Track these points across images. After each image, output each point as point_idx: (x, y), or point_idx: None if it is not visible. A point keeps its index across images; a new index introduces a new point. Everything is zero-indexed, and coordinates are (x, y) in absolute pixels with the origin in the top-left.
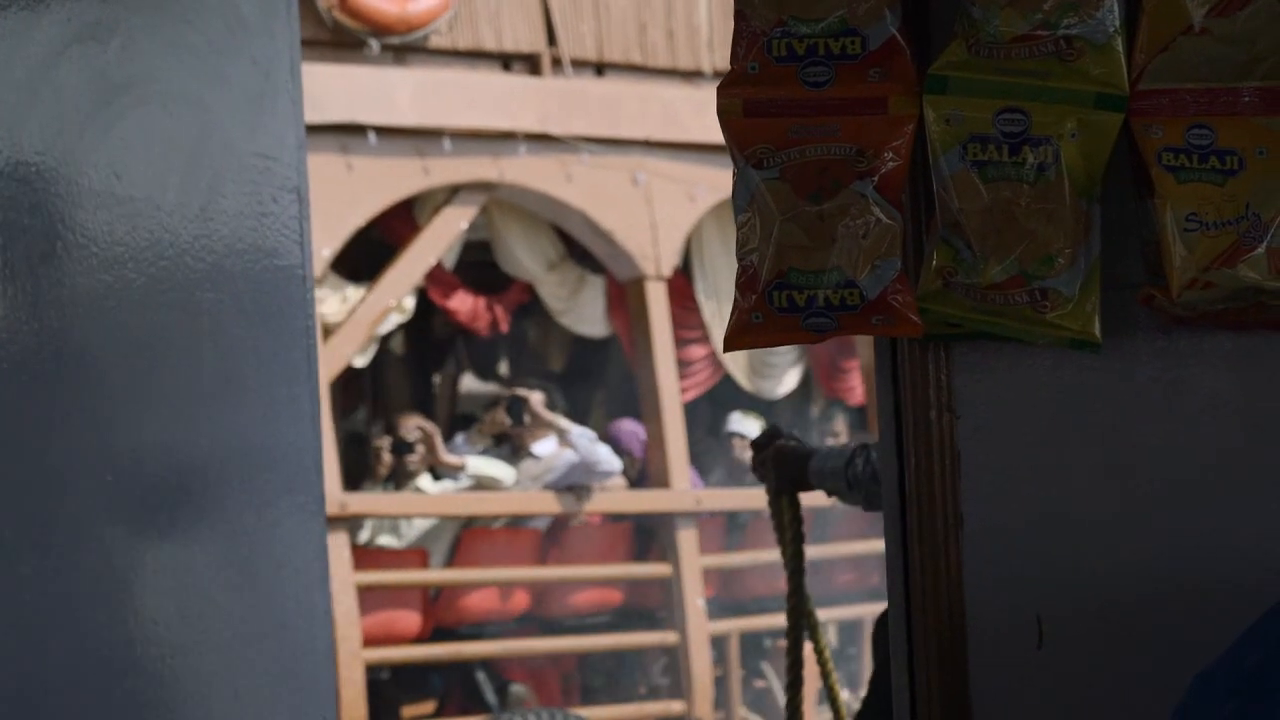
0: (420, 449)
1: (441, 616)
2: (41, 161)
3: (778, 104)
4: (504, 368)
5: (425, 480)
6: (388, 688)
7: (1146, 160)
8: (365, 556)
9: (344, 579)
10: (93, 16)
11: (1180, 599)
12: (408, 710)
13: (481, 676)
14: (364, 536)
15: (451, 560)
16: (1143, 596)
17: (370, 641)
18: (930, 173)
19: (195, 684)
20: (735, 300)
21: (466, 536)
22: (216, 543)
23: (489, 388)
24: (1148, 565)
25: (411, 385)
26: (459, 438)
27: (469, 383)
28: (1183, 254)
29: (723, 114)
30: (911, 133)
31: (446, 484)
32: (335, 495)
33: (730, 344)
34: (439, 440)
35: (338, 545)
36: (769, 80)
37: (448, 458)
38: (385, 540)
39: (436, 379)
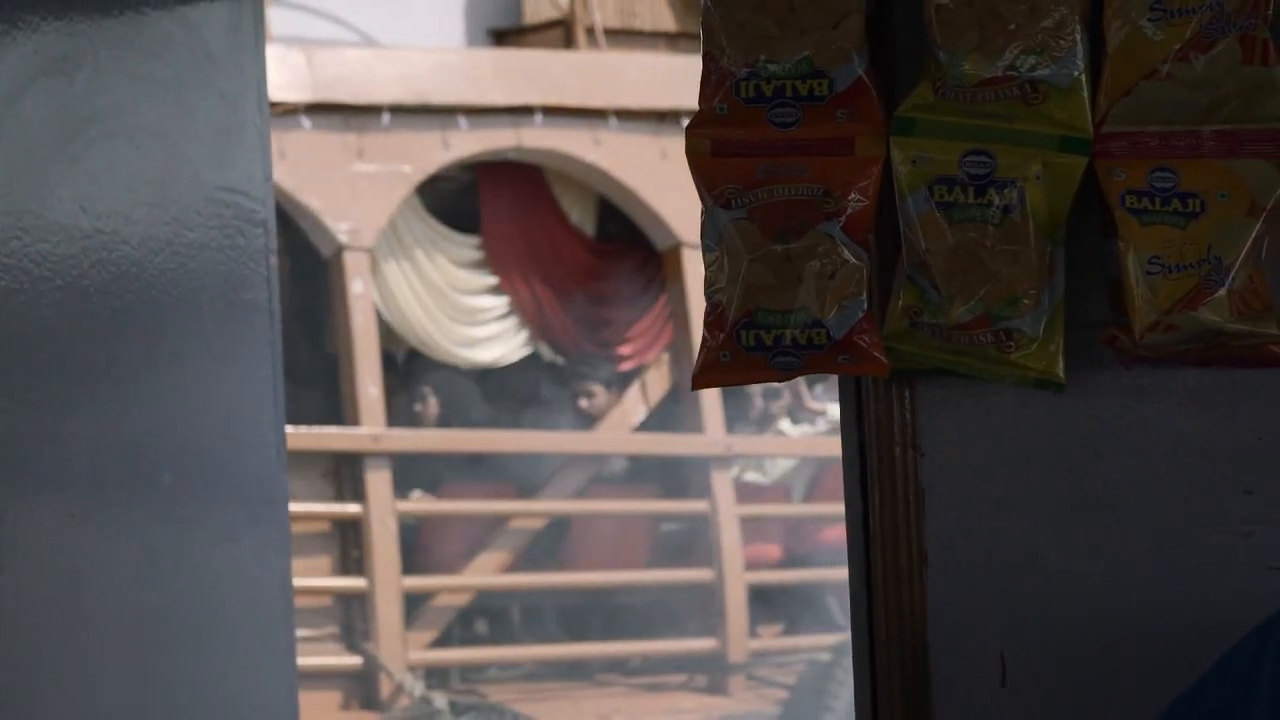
0: (786, 395)
1: (797, 546)
2: (7, 195)
3: (746, 144)
4: None
5: (785, 424)
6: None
7: (1110, 203)
8: (738, 491)
9: (728, 511)
10: (59, 50)
11: (1144, 637)
12: (763, 629)
13: (832, 601)
14: (732, 473)
15: (809, 496)
16: (1106, 634)
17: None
18: (897, 213)
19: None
20: (703, 338)
21: (825, 475)
22: (178, 576)
23: None
24: (1111, 603)
25: None
26: (818, 387)
27: None
28: (1145, 296)
29: (691, 154)
30: (878, 174)
31: (805, 427)
32: (720, 438)
33: (698, 382)
34: (805, 388)
35: (722, 482)
36: (737, 121)
37: (813, 404)
38: (751, 477)
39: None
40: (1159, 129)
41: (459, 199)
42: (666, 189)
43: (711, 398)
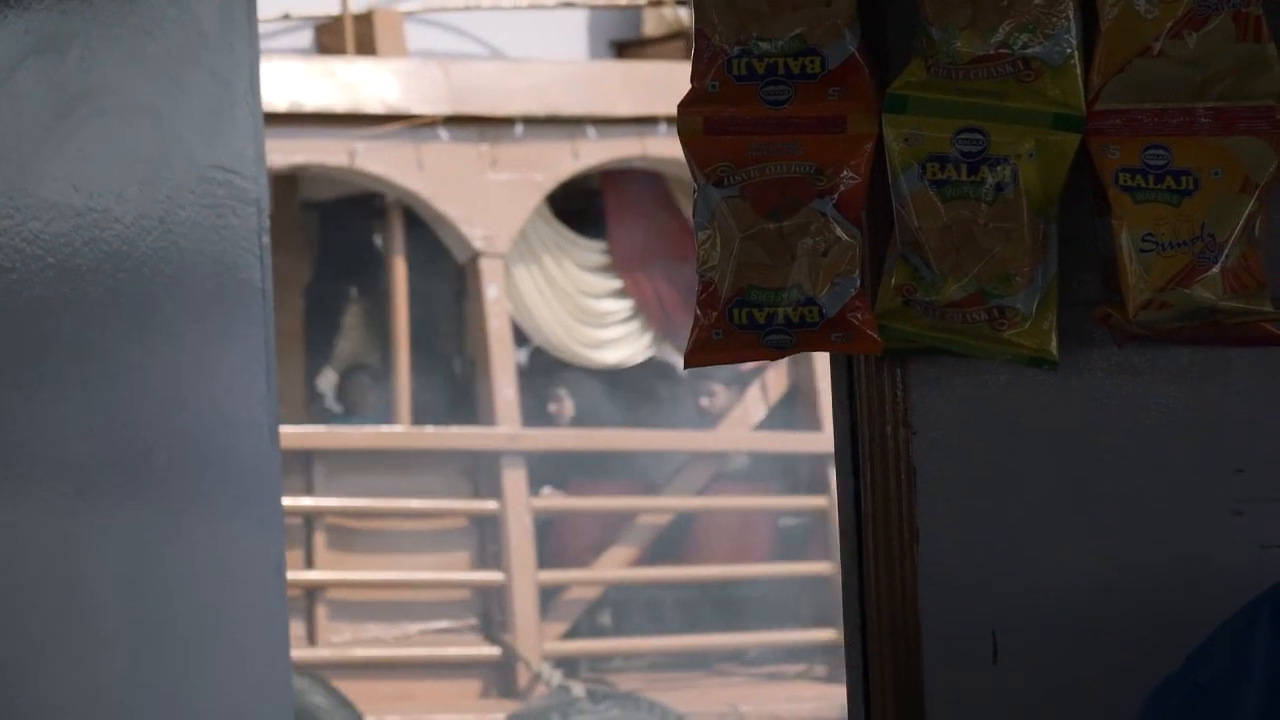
0: None
1: None
2: None
3: (738, 122)
4: None
5: None
6: None
7: (1104, 180)
8: None
9: None
10: (51, 28)
11: (1136, 614)
12: None
13: None
14: None
15: None
16: (1098, 611)
17: None
18: (889, 191)
19: (148, 704)
20: (696, 316)
21: None
22: (171, 556)
23: None
24: (1103, 580)
25: None
26: None
27: None
28: (1139, 274)
29: (683, 132)
30: (870, 151)
31: None
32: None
33: (690, 360)
34: None
35: None
36: (729, 99)
37: None
38: None
39: None
40: (1152, 106)
41: (580, 201)
42: None
43: (828, 396)
